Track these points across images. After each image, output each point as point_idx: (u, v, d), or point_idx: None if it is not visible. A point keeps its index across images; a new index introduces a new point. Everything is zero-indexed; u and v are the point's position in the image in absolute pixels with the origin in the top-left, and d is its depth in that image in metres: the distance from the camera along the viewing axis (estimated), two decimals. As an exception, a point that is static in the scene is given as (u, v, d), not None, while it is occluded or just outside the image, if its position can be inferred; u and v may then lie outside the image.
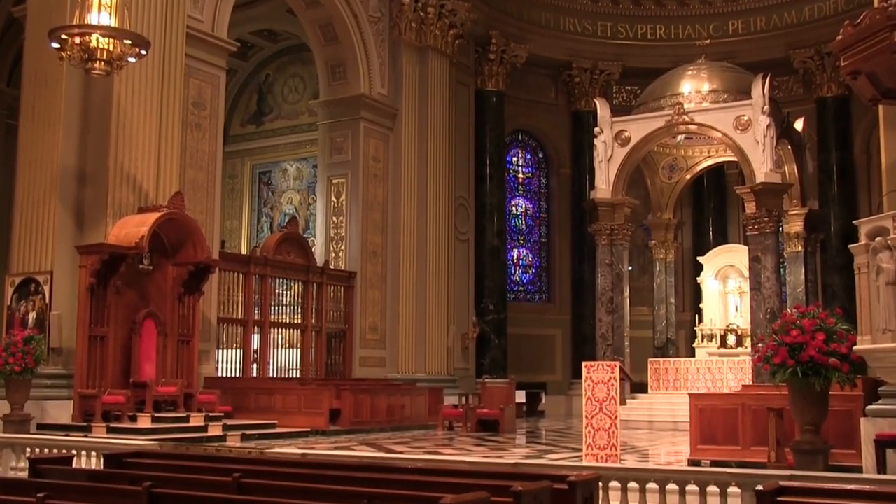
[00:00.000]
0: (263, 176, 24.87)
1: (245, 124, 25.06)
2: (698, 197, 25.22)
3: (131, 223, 13.62)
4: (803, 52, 23.44)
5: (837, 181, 22.98)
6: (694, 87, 19.35)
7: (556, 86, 25.31)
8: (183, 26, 15.13)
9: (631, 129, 18.99)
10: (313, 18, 19.48)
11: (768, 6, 24.25)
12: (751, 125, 17.70)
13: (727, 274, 20.91)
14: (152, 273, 14.23)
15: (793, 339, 8.92)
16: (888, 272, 8.26)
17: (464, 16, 21.19)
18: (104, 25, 11.72)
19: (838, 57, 9.39)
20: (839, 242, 21.25)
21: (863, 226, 8.51)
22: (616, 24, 25.03)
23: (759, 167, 17.59)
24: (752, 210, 17.82)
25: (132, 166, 14.05)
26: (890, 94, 9.30)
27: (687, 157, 21.30)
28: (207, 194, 15.98)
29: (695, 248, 24.39)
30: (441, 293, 20.31)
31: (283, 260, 17.91)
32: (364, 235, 19.32)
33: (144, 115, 14.26)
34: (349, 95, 19.58)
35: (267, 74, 24.95)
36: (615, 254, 19.10)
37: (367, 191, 19.46)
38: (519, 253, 25.29)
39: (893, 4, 8.01)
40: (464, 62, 22.21)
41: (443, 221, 20.54)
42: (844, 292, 20.29)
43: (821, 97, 23.41)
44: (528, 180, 25.81)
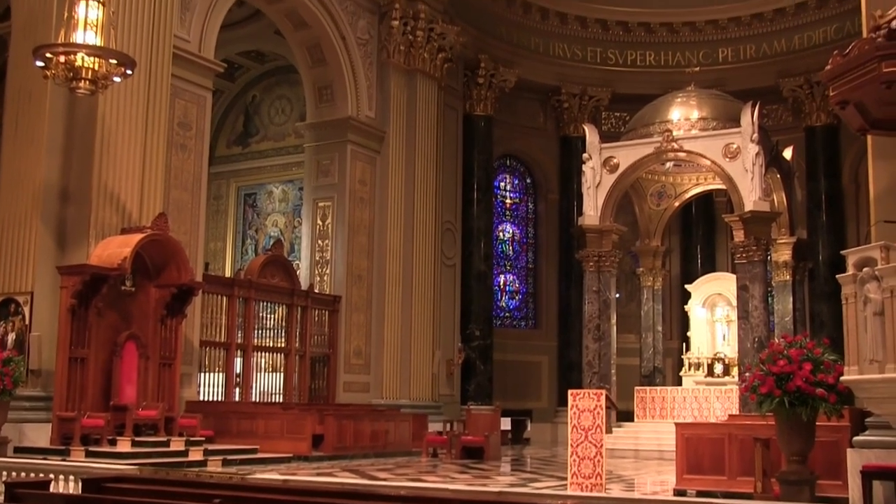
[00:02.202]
0: (249, 198, 24.74)
1: (231, 145, 24.95)
2: (686, 224, 25.19)
3: (114, 244, 13.47)
4: (792, 80, 23.48)
5: (826, 210, 22.96)
6: (683, 114, 19.34)
7: (545, 111, 25.31)
8: (169, 46, 15.03)
9: (619, 155, 18.95)
10: (301, 40, 19.42)
11: (758, 34, 24.31)
12: (740, 153, 17.68)
13: (715, 302, 20.85)
14: (135, 294, 14.06)
15: (780, 368, 8.85)
16: (875, 303, 8.18)
17: (453, 39, 21.16)
18: (90, 44, 11.62)
19: (827, 86, 9.35)
20: (827, 271, 21.21)
21: (850, 256, 8.43)
22: (605, 49, 25.05)
23: (748, 195, 17.55)
24: (741, 238, 17.78)
25: (116, 186, 13.91)
26: (878, 125, 9.27)
27: (675, 184, 21.27)
28: (192, 216, 15.84)
29: (683, 275, 24.33)
30: (427, 318, 20.17)
31: (267, 283, 17.77)
32: (350, 259, 19.19)
33: (129, 134, 14.12)
34: (336, 118, 19.50)
35: (254, 95, 24.87)
36: (602, 280, 19.01)
37: (353, 214, 19.34)
38: (506, 278, 25.18)
39: (882, 35, 7.97)
40: (452, 86, 22.16)
41: (429, 246, 20.42)
42: (832, 321, 20.22)
43: (810, 126, 23.44)
44: (515, 205, 25.75)
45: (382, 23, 20.18)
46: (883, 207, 9.93)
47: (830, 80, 8.69)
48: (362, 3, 19.86)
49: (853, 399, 8.91)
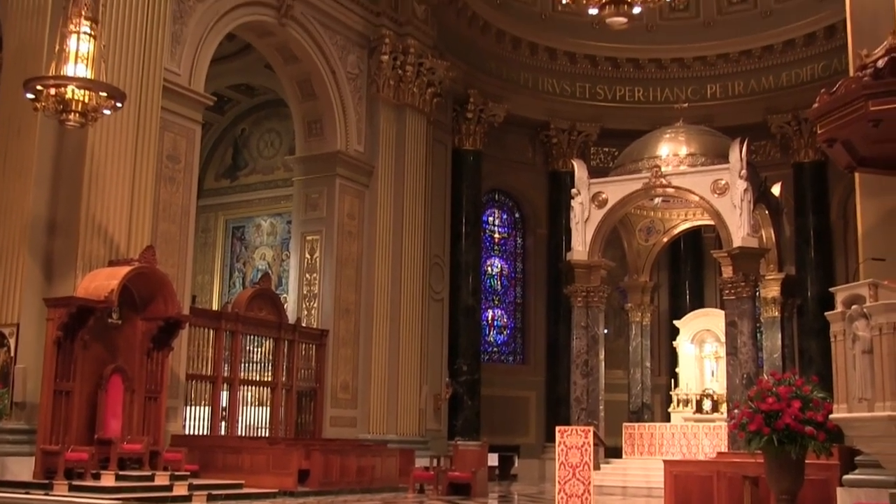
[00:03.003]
0: (237, 231, 24.69)
1: (219, 178, 24.93)
2: (675, 260, 25.21)
3: (101, 276, 13.39)
4: (780, 117, 23.61)
5: (814, 246, 23.01)
6: (672, 150, 19.42)
7: (534, 146, 25.38)
8: (159, 79, 15.04)
9: (608, 190, 19.00)
10: (291, 74, 19.47)
11: (746, 71, 24.49)
12: (728, 189, 17.74)
13: (703, 338, 20.83)
14: (121, 327, 13.96)
15: (769, 406, 8.83)
16: (864, 340, 8.17)
17: (442, 74, 21.24)
18: (80, 77, 11.63)
19: (815, 123, 9.39)
20: (816, 307, 21.22)
21: (839, 293, 8.43)
22: (594, 85, 25.18)
23: (737, 231, 17.60)
24: (729, 274, 17.80)
25: (104, 218, 13.86)
26: (865, 163, 9.31)
27: (664, 219, 21.32)
28: (179, 248, 15.78)
29: (671, 311, 24.32)
30: (414, 352, 20.09)
31: (254, 316, 17.69)
32: (337, 293, 19.13)
33: (118, 167, 14.09)
34: (325, 152, 19.51)
35: (243, 129, 24.89)
36: (591, 316, 18.99)
37: (341, 248, 19.31)
38: (494, 313, 25.13)
39: (868, 74, 8.02)
40: (441, 120, 22.22)
41: (417, 280, 20.39)
42: (821, 357, 20.21)
43: (798, 162, 23.54)
44: (504, 240, 25.75)
45: (372, 57, 20.26)
46: (871, 245, 9.95)
47: (818, 118, 8.74)
48: (352, 37, 19.94)
49: (843, 437, 8.87)
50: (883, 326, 7.98)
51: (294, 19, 18.42)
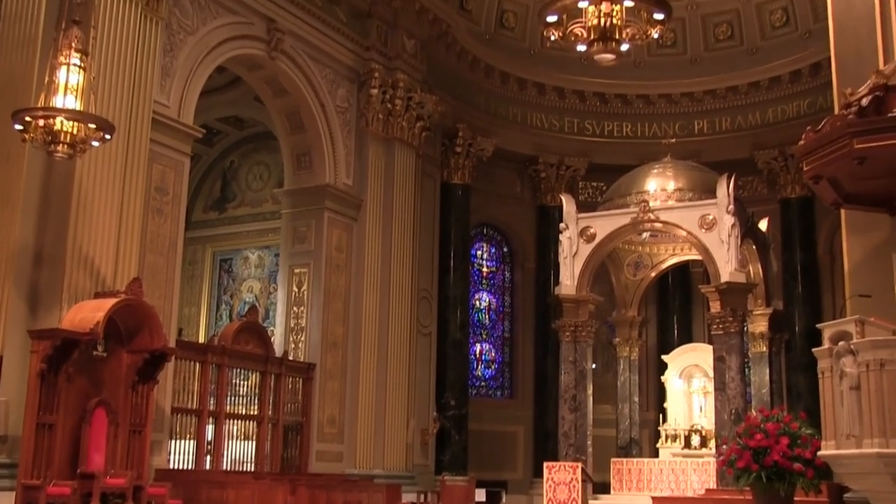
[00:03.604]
0: (224, 263, 24.62)
1: (208, 210, 24.89)
2: (663, 295, 25.23)
3: (87, 308, 13.31)
4: (767, 152, 23.76)
5: (802, 281, 23.07)
6: (659, 185, 19.49)
7: (523, 180, 25.45)
8: (149, 111, 15.04)
9: (596, 225, 19.04)
10: (280, 107, 19.50)
11: (733, 107, 24.67)
12: (716, 224, 17.80)
13: (692, 373, 20.82)
14: (106, 360, 13.85)
15: (757, 442, 8.83)
16: (852, 377, 8.19)
17: (431, 108, 21.32)
18: (69, 109, 11.61)
19: (801, 160, 9.45)
20: (804, 343, 21.25)
21: (826, 330, 8.46)
22: (583, 120, 25.31)
23: (724, 266, 17.64)
24: (717, 309, 17.83)
25: (91, 250, 13.80)
26: (851, 199, 9.37)
27: (652, 254, 21.37)
28: (166, 280, 15.70)
29: (659, 345, 24.31)
30: (401, 386, 20.00)
31: (241, 350, 17.58)
32: (325, 326, 19.06)
33: (106, 198, 14.05)
34: (314, 185, 19.50)
35: (232, 161, 24.89)
36: (579, 351, 18.97)
37: (329, 281, 19.26)
38: (482, 347, 25.07)
39: (853, 113, 8.08)
40: (430, 154, 22.26)
41: (405, 314, 20.33)
42: (809, 393, 20.20)
43: (785, 197, 23.66)
44: (492, 274, 25.75)
45: (361, 91, 20.31)
46: (857, 281, 10.00)
47: (804, 156, 8.81)
48: (342, 71, 20.01)
49: (831, 474, 8.85)
50: (870, 363, 8.00)
51: (284, 53, 18.48)
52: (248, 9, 17.69)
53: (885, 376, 7.95)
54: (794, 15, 23.91)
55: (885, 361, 7.97)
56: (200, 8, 16.79)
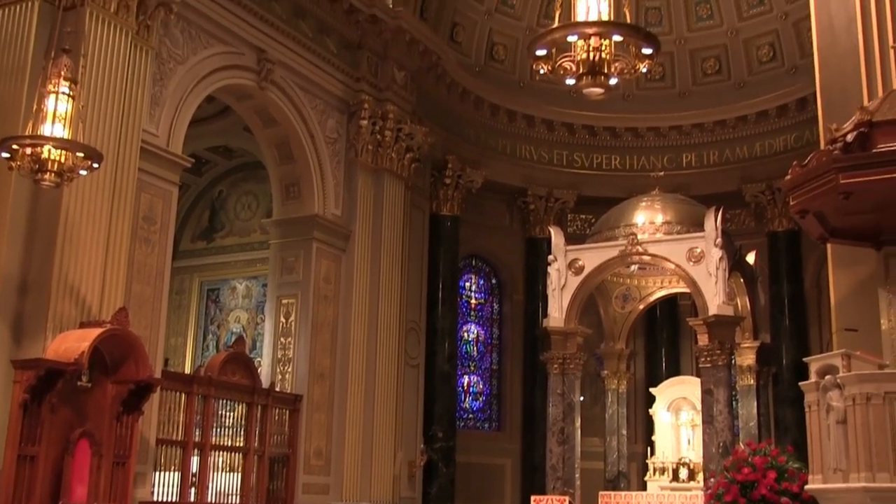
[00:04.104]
0: (212, 293, 24.52)
1: (195, 240, 24.82)
2: (651, 327, 25.23)
3: (72, 338, 13.23)
4: (755, 186, 23.89)
5: (789, 314, 23.13)
6: (648, 217, 19.52)
7: (512, 212, 25.50)
8: (137, 140, 15.04)
9: (585, 257, 19.04)
10: (270, 137, 19.51)
11: (721, 140, 24.83)
12: (703, 257, 17.82)
13: (679, 406, 20.77)
14: (90, 390, 13.75)
15: (744, 476, 8.82)
16: (838, 411, 8.19)
17: (420, 140, 21.37)
18: (57, 137, 11.60)
19: (788, 194, 9.49)
20: (791, 376, 21.26)
21: (813, 363, 8.47)
22: (572, 152, 25.41)
23: (712, 299, 17.65)
24: (705, 342, 17.82)
25: (77, 279, 13.74)
26: (837, 234, 9.42)
27: (640, 287, 21.37)
28: (153, 310, 15.62)
29: (647, 378, 24.28)
30: (389, 418, 19.90)
31: (227, 380, 17.46)
32: (312, 357, 18.97)
33: (93, 227, 14.01)
34: (302, 215, 19.47)
35: (220, 190, 24.85)
36: (567, 383, 18.91)
37: (316, 312, 19.19)
38: (469, 379, 25.00)
39: (838, 148, 8.14)
40: (419, 186, 22.29)
41: (393, 345, 20.26)
42: (797, 426, 20.18)
43: (772, 231, 23.77)
44: (480, 306, 25.72)
45: (351, 122, 20.34)
46: (844, 315, 10.02)
47: (790, 190, 8.86)
48: (332, 102, 20.06)
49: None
50: (856, 397, 8.01)
51: (274, 83, 18.52)
52: (239, 39, 17.75)
53: (871, 410, 7.96)
54: (780, 50, 24.15)
55: (871, 395, 7.97)
56: (191, 38, 16.83)
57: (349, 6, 19.91)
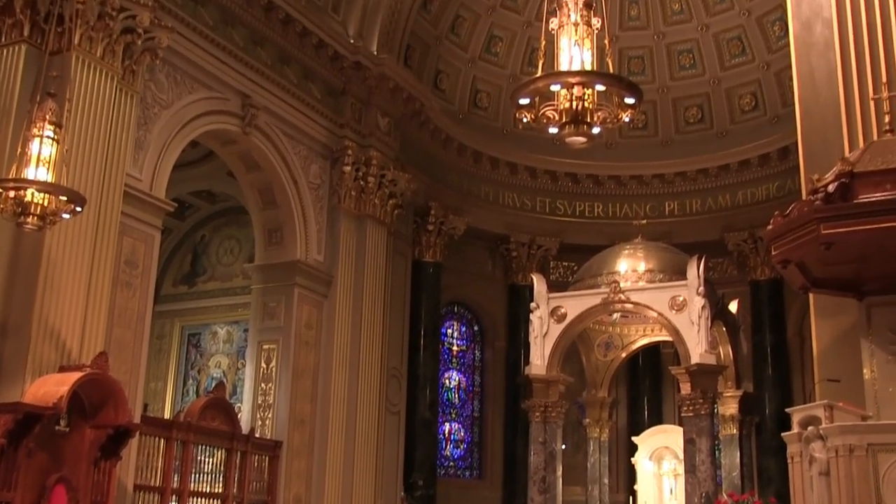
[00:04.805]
0: (193, 338, 24.37)
1: (177, 284, 24.70)
2: (633, 375, 25.19)
3: (50, 382, 13.09)
4: (737, 234, 24.01)
5: (772, 363, 23.14)
6: (630, 265, 19.56)
7: (494, 259, 25.51)
8: (121, 184, 15.00)
9: (567, 305, 19.04)
10: (253, 182, 19.51)
11: (703, 189, 24.98)
12: (686, 306, 17.85)
13: (662, 455, 20.69)
14: (68, 435, 13.58)
15: (726, 528, 8.73)
16: (821, 462, 8.17)
17: (404, 186, 21.41)
18: (40, 181, 11.56)
19: (769, 244, 9.53)
20: (774, 426, 21.19)
21: (795, 414, 8.46)
22: (555, 200, 25.51)
23: (694, 348, 17.65)
24: (688, 391, 17.79)
25: (57, 322, 13.64)
26: (819, 284, 9.45)
27: (623, 335, 21.36)
28: (133, 355, 15.50)
29: (630, 427, 24.19)
30: (369, 466, 19.72)
31: (207, 426, 17.29)
32: (293, 403, 18.83)
33: (74, 271, 13.93)
34: (285, 261, 19.41)
35: (203, 235, 24.78)
36: (549, 431, 18.83)
37: (297, 358, 19.08)
38: (451, 427, 24.85)
39: (820, 199, 8.19)
40: (402, 232, 22.30)
41: (374, 392, 20.14)
42: (780, 476, 20.05)
43: (754, 279, 23.85)
44: (462, 353, 25.65)
45: (334, 168, 20.37)
46: (826, 365, 10.03)
47: (772, 240, 8.90)
48: (315, 148, 20.10)
49: (801, 561, 8.76)
50: (839, 448, 7.99)
51: (258, 128, 18.56)
52: (224, 84, 17.80)
53: (854, 462, 7.94)
54: (762, 100, 24.41)
55: (853, 447, 7.96)
56: (176, 83, 16.87)
57: (334, 53, 20.03)
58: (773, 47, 23.74)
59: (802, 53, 12.38)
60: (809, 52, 12.25)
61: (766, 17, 23.75)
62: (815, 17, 12.29)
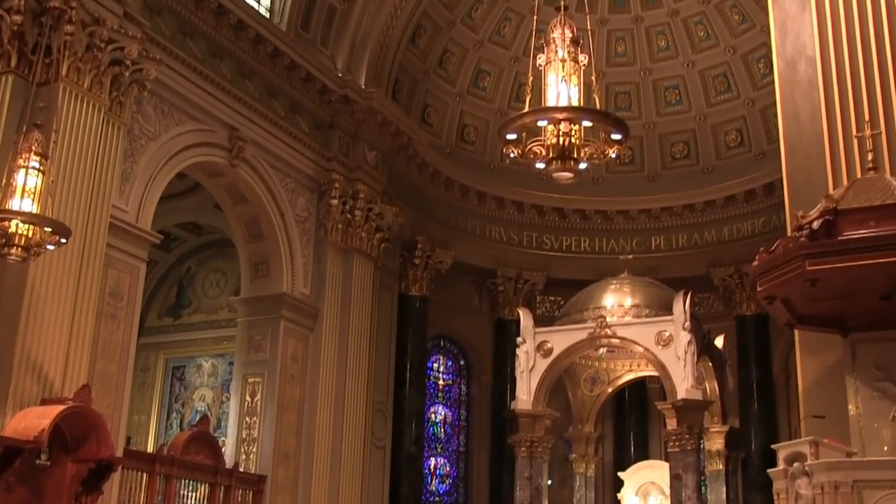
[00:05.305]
0: (177, 371, 24.21)
1: (162, 316, 24.58)
2: (620, 410, 25.13)
3: (32, 415, 12.96)
4: (723, 270, 24.08)
5: (758, 399, 23.15)
6: (616, 300, 19.55)
7: (481, 293, 25.48)
8: (107, 216, 14.96)
9: (553, 340, 19.00)
10: (240, 214, 19.49)
11: (689, 224, 25.07)
12: (672, 341, 17.84)
13: (648, 490, 20.58)
14: (49, 469, 13.43)
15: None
16: (807, 499, 8.14)
17: (391, 220, 21.42)
18: (25, 212, 11.52)
19: (755, 280, 9.55)
20: (761, 461, 21.13)
21: (781, 451, 8.45)
22: (541, 234, 25.55)
23: (680, 383, 17.62)
24: (674, 426, 17.74)
25: (40, 355, 13.53)
26: (804, 320, 9.47)
27: (609, 370, 21.32)
28: (116, 388, 15.38)
29: (616, 462, 24.11)
30: (354, 501, 19.56)
31: (190, 460, 17.14)
32: (277, 437, 18.70)
33: (58, 302, 13.84)
34: (271, 294, 19.35)
35: (188, 267, 24.70)
36: (534, 466, 18.72)
37: (283, 391, 18.98)
38: (436, 461, 24.70)
39: (805, 235, 8.22)
40: (389, 265, 22.28)
41: (359, 426, 20.03)
42: (765, 513, 20.05)
43: (740, 315, 23.89)
44: (448, 387, 25.55)
45: (322, 201, 20.36)
46: (811, 401, 10.02)
47: (758, 276, 8.92)
48: (302, 181, 20.10)
49: None
50: (825, 485, 7.97)
51: (245, 161, 18.56)
52: (211, 117, 17.83)
53: (839, 499, 7.92)
54: (748, 136, 24.58)
55: (839, 483, 7.95)
56: (163, 114, 16.89)
57: (322, 86, 20.09)
58: (758, 84, 23.95)
59: (787, 91, 12.48)
60: (794, 90, 12.35)
61: (751, 54, 23.98)
62: (798, 55, 12.41)
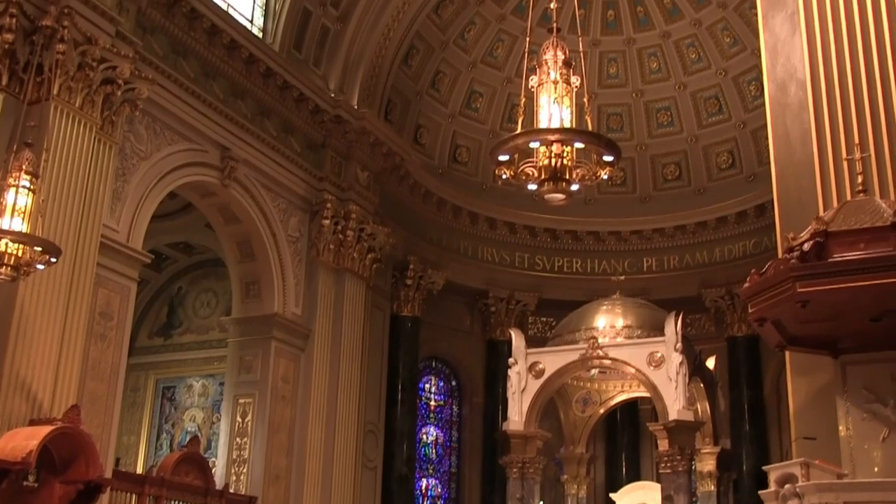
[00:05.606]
0: (167, 391, 24.09)
1: (153, 336, 24.46)
2: (611, 431, 25.09)
3: (20, 436, 12.87)
4: (714, 291, 24.12)
5: (749, 420, 23.14)
6: (608, 321, 19.56)
7: (473, 314, 25.46)
8: (97, 235, 14.91)
9: (545, 360, 18.99)
10: (231, 234, 19.46)
11: (681, 245, 25.11)
12: (664, 362, 17.85)
13: (639, 512, 20.56)
14: (37, 491, 13.33)
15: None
16: (799, 521, 8.11)
17: (383, 240, 21.41)
18: (15, 231, 11.48)
19: (746, 301, 9.56)
20: (752, 482, 21.11)
21: (772, 472, 8.44)
22: (533, 255, 25.57)
23: (672, 404, 17.61)
24: (665, 447, 17.72)
25: (28, 375, 13.45)
26: (795, 342, 9.47)
27: (601, 390, 21.30)
28: (106, 408, 15.30)
29: (607, 483, 24.05)
30: (345, 522, 19.50)
31: (180, 481, 17.02)
32: (268, 458, 18.61)
33: (48, 322, 13.78)
34: (262, 314, 19.30)
35: (180, 287, 24.61)
36: (526, 487, 18.66)
37: (274, 412, 18.90)
38: (428, 483, 24.61)
39: (796, 257, 8.24)
40: (380, 286, 22.27)
41: (350, 447, 19.95)
42: (757, 534, 19.97)
43: (732, 336, 23.92)
44: (440, 408, 25.49)
45: (313, 221, 20.35)
46: (802, 423, 10.02)
47: (749, 298, 8.93)
48: (294, 201, 20.10)
49: None
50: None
51: (237, 181, 18.56)
52: (203, 136, 17.83)
53: (830, 521, 7.91)
54: (739, 158, 24.67)
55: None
56: (155, 134, 16.88)
57: (314, 106, 20.12)
58: (750, 106, 24.06)
59: (778, 114, 12.53)
60: (784, 112, 12.40)
61: (743, 76, 24.11)
62: (789, 78, 12.48)
